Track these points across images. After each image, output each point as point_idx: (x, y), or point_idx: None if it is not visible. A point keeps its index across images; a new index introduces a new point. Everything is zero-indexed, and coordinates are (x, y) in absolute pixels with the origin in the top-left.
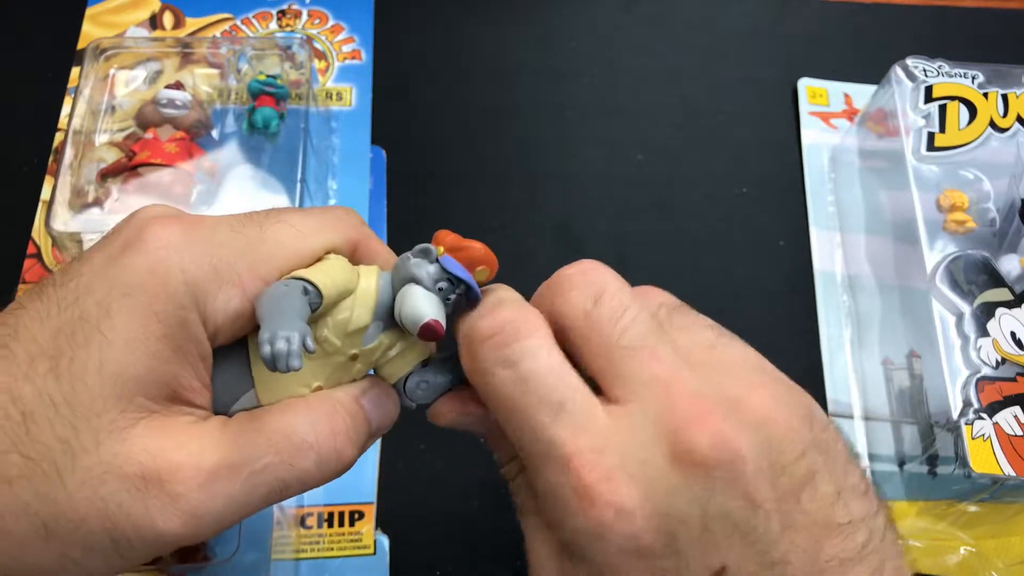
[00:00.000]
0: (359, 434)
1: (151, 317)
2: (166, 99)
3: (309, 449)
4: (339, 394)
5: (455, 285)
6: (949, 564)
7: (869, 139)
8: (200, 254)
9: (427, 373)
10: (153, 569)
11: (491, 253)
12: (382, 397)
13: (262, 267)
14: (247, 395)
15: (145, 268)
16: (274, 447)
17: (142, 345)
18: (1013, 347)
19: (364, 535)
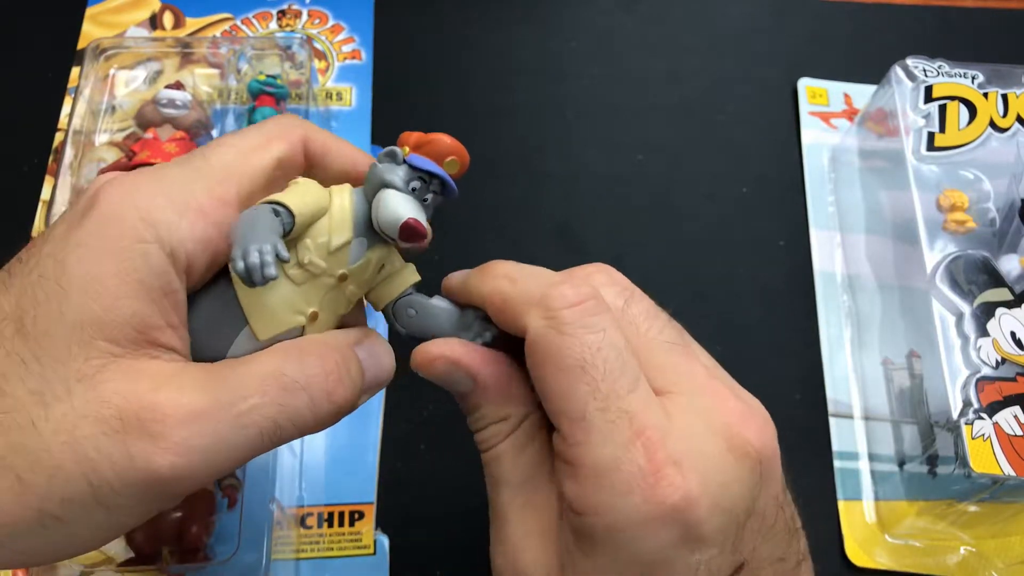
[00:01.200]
0: (352, 378)
1: (105, 257)
2: (166, 99)
3: (299, 389)
4: (330, 338)
5: (428, 182)
6: (949, 564)
7: (869, 139)
8: (153, 191)
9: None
10: (153, 569)
11: (458, 143)
12: (376, 346)
13: (217, 189)
14: (242, 334)
15: (98, 217)
16: (261, 387)
17: (97, 285)
18: (1013, 347)
19: (364, 535)
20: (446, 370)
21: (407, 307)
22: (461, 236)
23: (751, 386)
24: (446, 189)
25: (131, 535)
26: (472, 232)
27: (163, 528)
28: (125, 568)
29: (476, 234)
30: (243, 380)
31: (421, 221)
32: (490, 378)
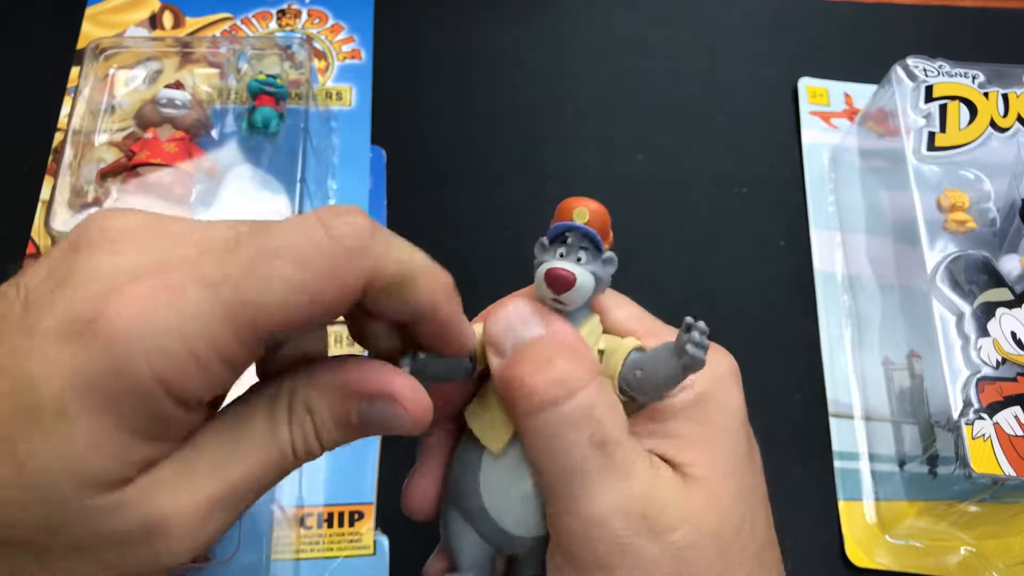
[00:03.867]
0: (330, 434)
1: (116, 417)
2: (166, 99)
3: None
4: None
5: (567, 242)
6: (949, 564)
7: (869, 139)
8: (168, 334)
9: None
10: None
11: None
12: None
13: (244, 333)
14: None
15: (106, 367)
16: (265, 460)
17: (109, 441)
18: (1013, 347)
19: (364, 535)
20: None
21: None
22: (462, 236)
23: (751, 386)
24: (590, 239)
25: None
26: (472, 232)
27: None
28: None
29: (476, 234)
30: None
31: (563, 267)
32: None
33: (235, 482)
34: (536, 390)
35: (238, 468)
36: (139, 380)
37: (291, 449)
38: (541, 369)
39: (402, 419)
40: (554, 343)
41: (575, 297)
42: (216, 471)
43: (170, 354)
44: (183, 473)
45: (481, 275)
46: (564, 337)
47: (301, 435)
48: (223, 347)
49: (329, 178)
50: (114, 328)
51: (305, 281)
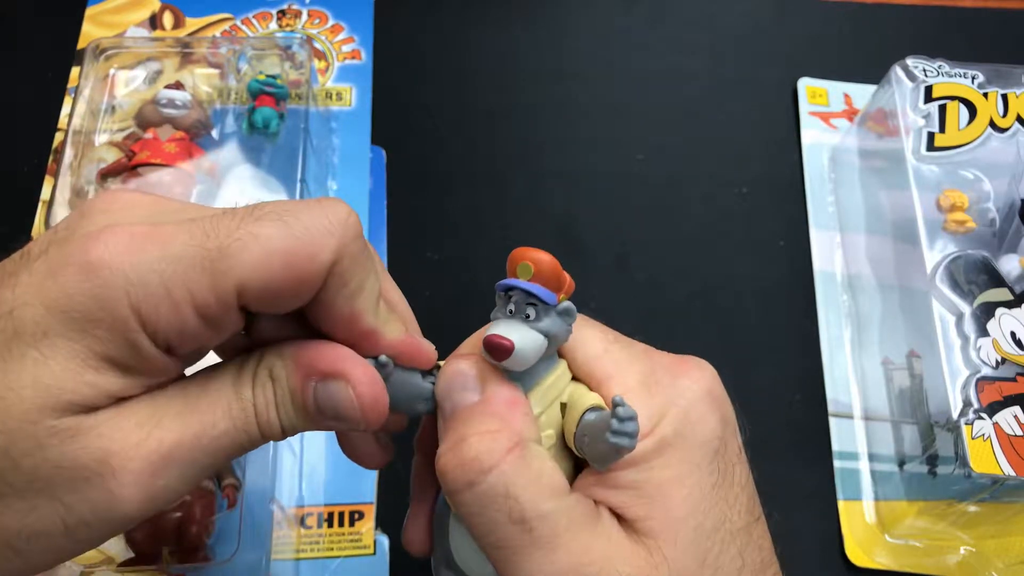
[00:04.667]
0: (287, 412)
1: (91, 341)
2: (166, 99)
3: (251, 416)
4: (285, 365)
5: (513, 299)
6: (949, 564)
7: (869, 139)
8: (149, 273)
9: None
10: (153, 569)
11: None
12: (334, 387)
13: (219, 284)
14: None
15: (88, 293)
16: (229, 413)
17: (82, 364)
18: (1013, 347)
19: (364, 535)
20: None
21: (583, 437)
22: (462, 236)
23: (751, 386)
24: (534, 295)
25: (131, 535)
26: (473, 232)
27: (163, 528)
28: (125, 568)
29: (477, 234)
30: (213, 406)
31: (500, 334)
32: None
33: (196, 431)
34: (447, 470)
35: (200, 417)
36: (116, 307)
37: (254, 412)
38: (453, 448)
39: (351, 405)
40: (478, 413)
41: (518, 363)
42: (178, 417)
43: (147, 288)
44: (146, 413)
45: (481, 275)
46: (494, 406)
47: (264, 400)
48: (198, 295)
49: (329, 178)
50: (99, 258)
51: (284, 249)
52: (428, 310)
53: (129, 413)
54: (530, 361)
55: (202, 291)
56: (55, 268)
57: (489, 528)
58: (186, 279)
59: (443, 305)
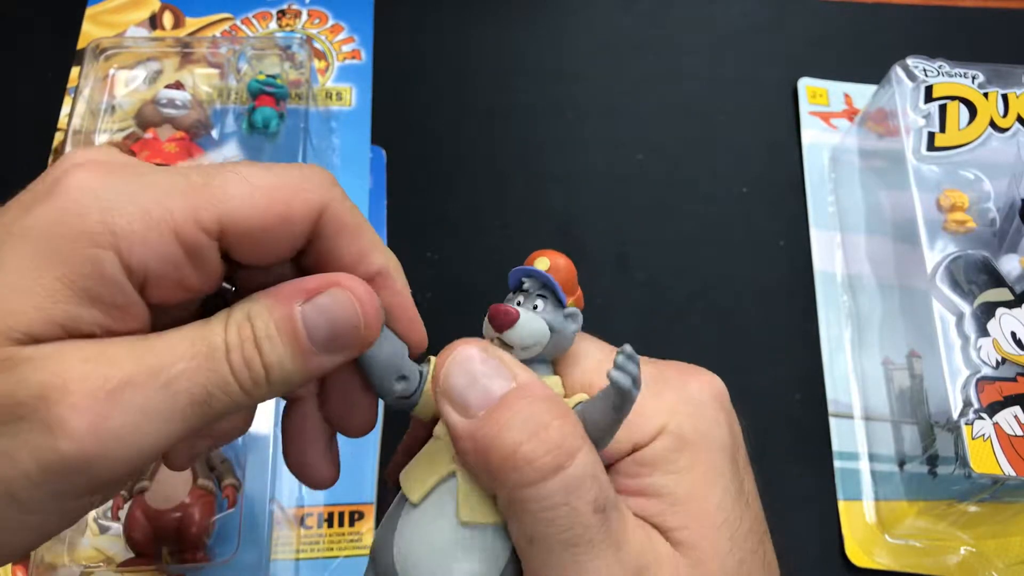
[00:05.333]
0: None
1: (50, 256)
2: (166, 99)
3: (222, 357)
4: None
5: (525, 290)
6: (949, 564)
7: (869, 139)
8: (125, 193)
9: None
10: (153, 569)
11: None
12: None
13: (201, 210)
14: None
15: (55, 209)
16: (191, 351)
17: (33, 284)
18: (1013, 347)
19: (364, 535)
20: None
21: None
22: (462, 236)
23: (751, 386)
24: (547, 286)
25: (131, 535)
26: (473, 232)
27: (163, 528)
28: (125, 568)
29: (477, 234)
30: (171, 345)
31: (506, 304)
32: None
33: (150, 369)
34: (533, 459)
35: (156, 357)
36: (88, 229)
37: (225, 351)
38: (537, 434)
39: (350, 311)
40: (536, 399)
41: (519, 337)
42: (130, 356)
43: (124, 205)
44: (95, 350)
45: (481, 275)
46: (541, 391)
47: (237, 337)
48: (179, 222)
49: None
50: (72, 183)
51: (268, 184)
52: (428, 310)
53: (75, 348)
54: (530, 343)
55: (182, 214)
56: (29, 204)
57: (571, 520)
58: (166, 201)
59: (443, 305)
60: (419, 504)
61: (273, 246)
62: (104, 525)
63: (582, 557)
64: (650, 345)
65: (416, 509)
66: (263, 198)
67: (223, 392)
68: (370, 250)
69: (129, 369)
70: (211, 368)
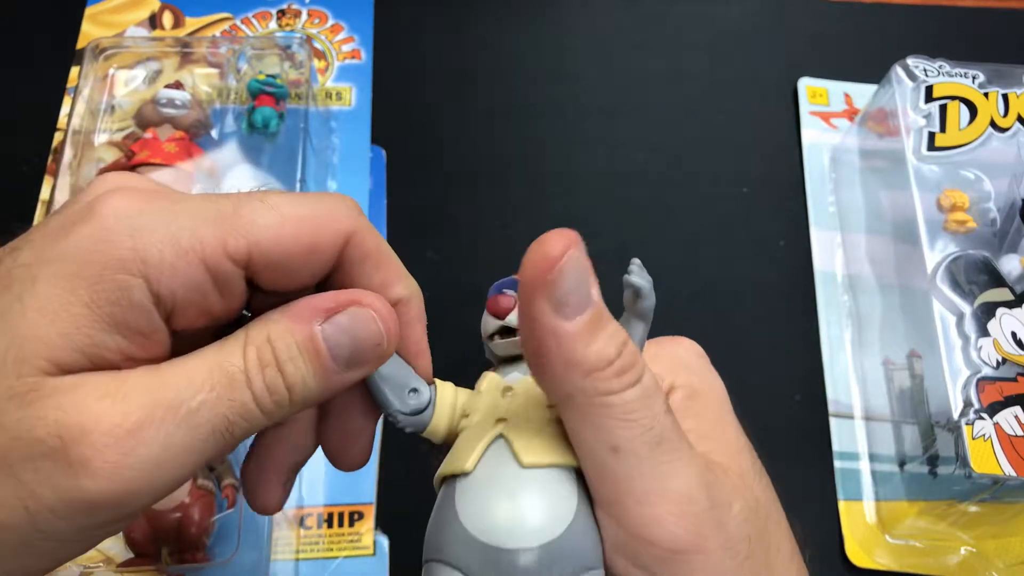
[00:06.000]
0: (299, 367)
1: (78, 282)
2: (165, 99)
3: (243, 384)
4: (286, 315)
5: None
6: (949, 564)
7: (870, 139)
8: (157, 221)
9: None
10: (153, 569)
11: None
12: (347, 318)
13: (230, 239)
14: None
15: (87, 235)
16: (209, 381)
17: (61, 310)
18: (1014, 347)
19: (364, 535)
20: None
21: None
22: (462, 236)
23: (751, 386)
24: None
25: (131, 535)
26: (473, 232)
27: (163, 528)
28: (125, 568)
29: (477, 234)
30: (190, 376)
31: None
32: None
33: (168, 404)
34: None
35: (173, 392)
36: (118, 256)
37: (245, 379)
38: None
39: (373, 326)
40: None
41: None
42: (147, 392)
43: (155, 232)
44: (111, 386)
45: (481, 275)
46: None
47: (257, 363)
48: (209, 251)
49: (329, 178)
50: (106, 210)
51: (297, 214)
52: (428, 310)
53: (91, 387)
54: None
55: (212, 243)
56: (64, 226)
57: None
58: (196, 229)
59: (443, 305)
60: (473, 471)
61: (299, 275)
62: None
63: (666, 456)
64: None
65: (471, 476)
66: (292, 228)
67: (244, 419)
68: (395, 279)
69: (148, 406)
70: (231, 397)
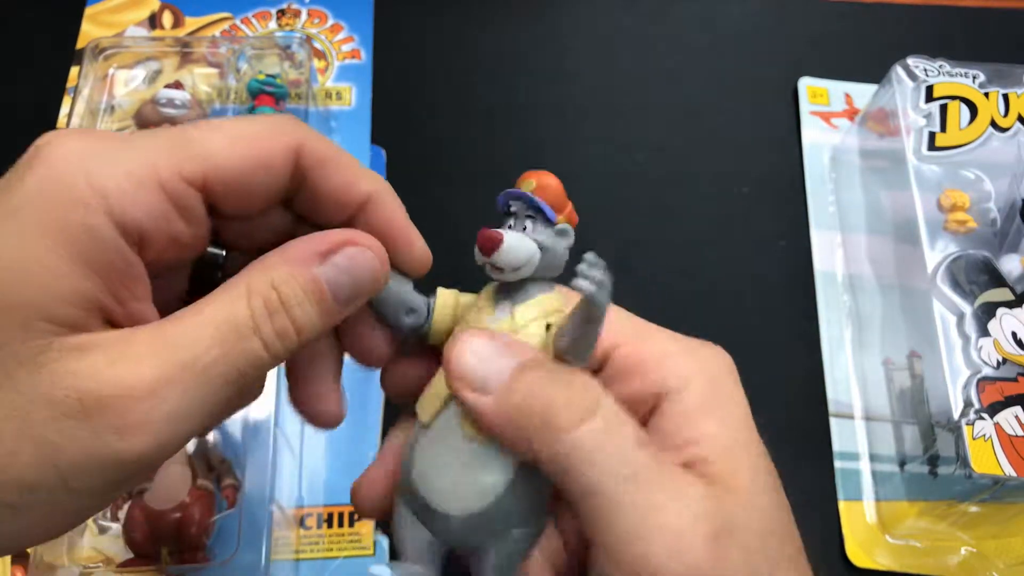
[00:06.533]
0: (306, 310)
1: (43, 231)
2: (165, 99)
3: (252, 333)
4: (285, 261)
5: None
6: (950, 564)
7: (870, 139)
8: (108, 157)
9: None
10: (153, 569)
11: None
12: (345, 257)
13: (187, 166)
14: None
15: (38, 181)
16: (219, 337)
17: (33, 264)
18: (1014, 347)
19: (364, 535)
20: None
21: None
22: (461, 236)
23: (751, 386)
24: (533, 206)
25: (131, 535)
26: (473, 232)
27: (163, 528)
28: (125, 568)
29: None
30: (197, 333)
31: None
32: None
33: (182, 363)
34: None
35: (185, 352)
36: (78, 196)
37: (253, 327)
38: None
39: (370, 263)
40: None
41: (507, 259)
42: (156, 355)
43: (110, 168)
44: (123, 348)
45: (481, 275)
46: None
47: (265, 311)
48: (165, 176)
49: None
50: (53, 152)
51: (244, 133)
52: None
53: (100, 352)
54: (519, 263)
55: (167, 169)
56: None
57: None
58: (150, 159)
59: None
60: (430, 425)
61: (257, 191)
62: (104, 525)
63: (645, 492)
64: None
65: (429, 430)
66: (241, 146)
67: (254, 366)
68: (356, 178)
69: (161, 366)
70: (242, 348)
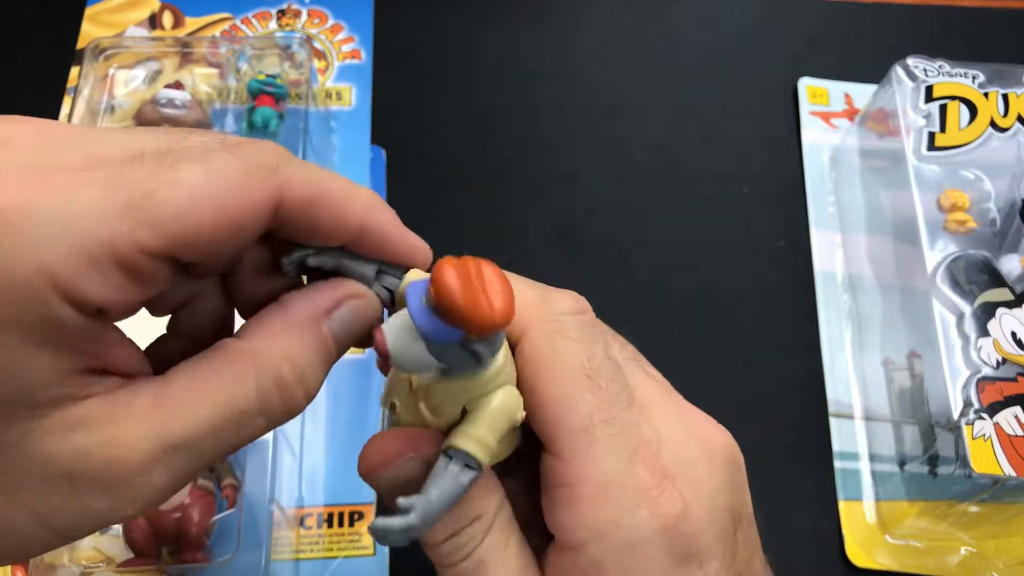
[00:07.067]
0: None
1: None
2: (165, 99)
3: (256, 414)
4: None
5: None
6: (950, 565)
7: (870, 139)
8: (57, 220)
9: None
10: (153, 569)
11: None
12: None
13: (144, 236)
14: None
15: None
16: (220, 421)
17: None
18: (1014, 347)
19: (364, 535)
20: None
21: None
22: (461, 236)
23: (751, 386)
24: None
25: (131, 535)
26: (473, 232)
27: (163, 528)
28: (125, 568)
29: (477, 234)
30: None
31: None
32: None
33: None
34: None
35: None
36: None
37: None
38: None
39: (373, 313)
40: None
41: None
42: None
43: (59, 249)
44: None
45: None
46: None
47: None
48: (121, 251)
49: None
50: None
51: (213, 186)
52: None
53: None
54: (416, 371)
55: (123, 243)
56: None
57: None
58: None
59: None
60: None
61: (228, 251)
62: None
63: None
64: (650, 345)
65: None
66: (209, 208)
67: (253, 439)
68: (346, 210)
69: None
70: (239, 432)
